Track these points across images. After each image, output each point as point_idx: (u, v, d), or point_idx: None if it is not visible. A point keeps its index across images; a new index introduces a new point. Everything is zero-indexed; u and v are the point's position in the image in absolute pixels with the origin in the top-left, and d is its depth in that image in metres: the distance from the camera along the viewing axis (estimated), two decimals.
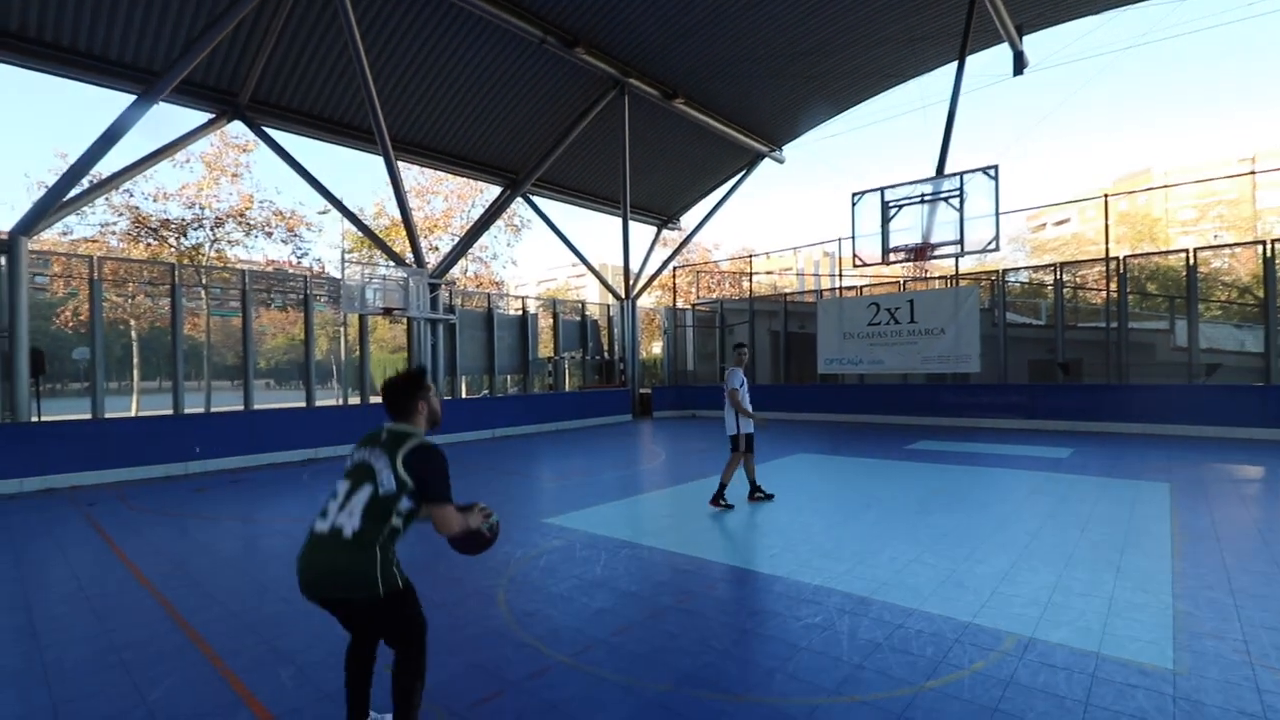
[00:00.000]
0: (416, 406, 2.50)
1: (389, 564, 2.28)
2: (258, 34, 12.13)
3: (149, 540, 5.99)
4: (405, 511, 2.33)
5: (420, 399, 2.51)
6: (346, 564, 2.22)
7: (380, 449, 2.36)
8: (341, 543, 2.23)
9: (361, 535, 2.23)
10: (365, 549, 2.23)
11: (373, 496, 2.27)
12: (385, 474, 2.30)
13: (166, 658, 3.40)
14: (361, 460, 2.37)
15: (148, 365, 24.03)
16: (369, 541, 2.23)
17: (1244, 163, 48.87)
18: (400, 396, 2.49)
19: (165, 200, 20.05)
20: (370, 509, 2.26)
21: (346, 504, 2.29)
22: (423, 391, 2.51)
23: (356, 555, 2.22)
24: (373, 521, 2.25)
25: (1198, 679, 2.89)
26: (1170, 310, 15.54)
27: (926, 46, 15.72)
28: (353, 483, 2.33)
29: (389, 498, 2.28)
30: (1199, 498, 6.64)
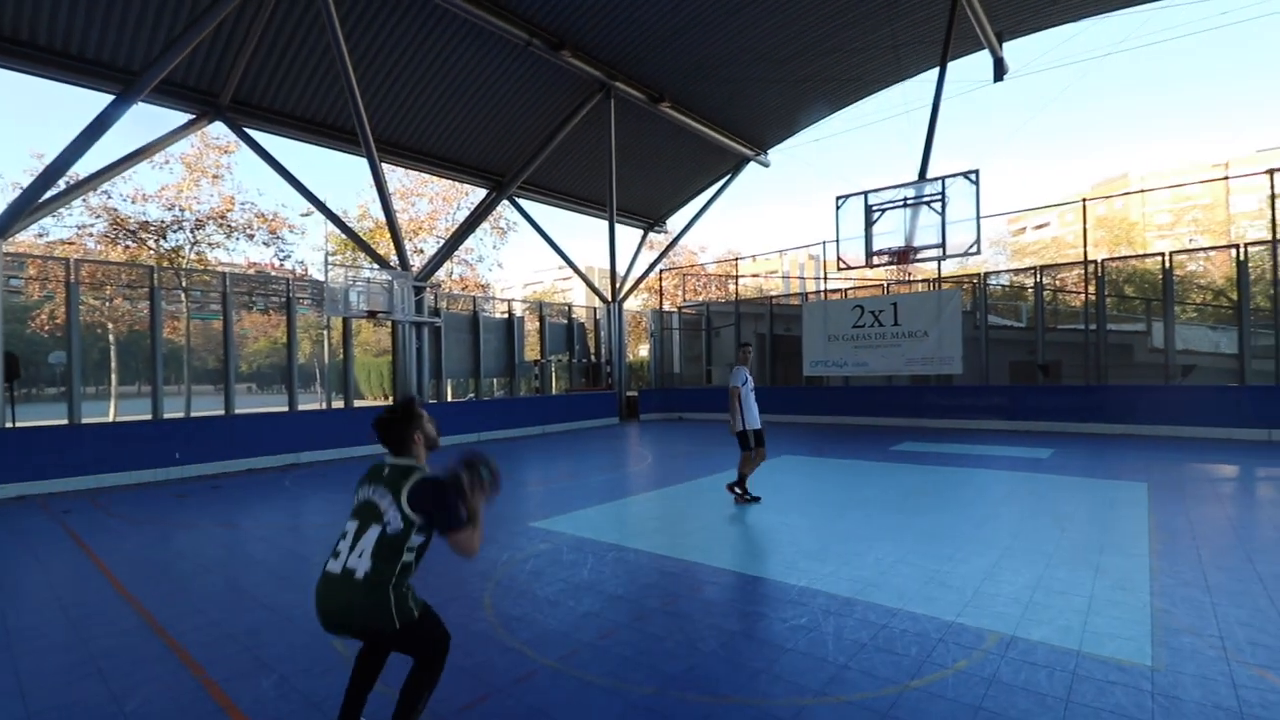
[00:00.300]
0: (412, 438, 2.48)
1: (404, 599, 2.31)
2: (239, 34, 12.00)
3: (127, 547, 5.89)
4: (416, 546, 2.35)
5: (414, 429, 2.48)
6: (361, 604, 2.25)
7: (384, 487, 2.36)
8: (355, 584, 2.25)
9: (373, 576, 2.25)
10: (378, 589, 2.25)
11: (381, 536, 2.28)
12: (391, 512, 2.31)
13: (145, 667, 3.35)
14: (366, 499, 2.38)
15: (126, 369, 23.64)
16: (382, 582, 2.26)
17: (1217, 168, 49.91)
18: (393, 431, 2.47)
19: (144, 202, 19.80)
20: (380, 549, 2.28)
21: (356, 545, 2.30)
22: (415, 422, 2.49)
23: (370, 596, 2.25)
24: (384, 562, 2.27)
25: (1175, 675, 2.94)
26: (1147, 312, 15.83)
27: (909, 53, 15.91)
28: (360, 522, 2.34)
29: (397, 536, 2.29)
30: (1176, 497, 6.76)
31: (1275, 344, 12.13)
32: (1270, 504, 6.59)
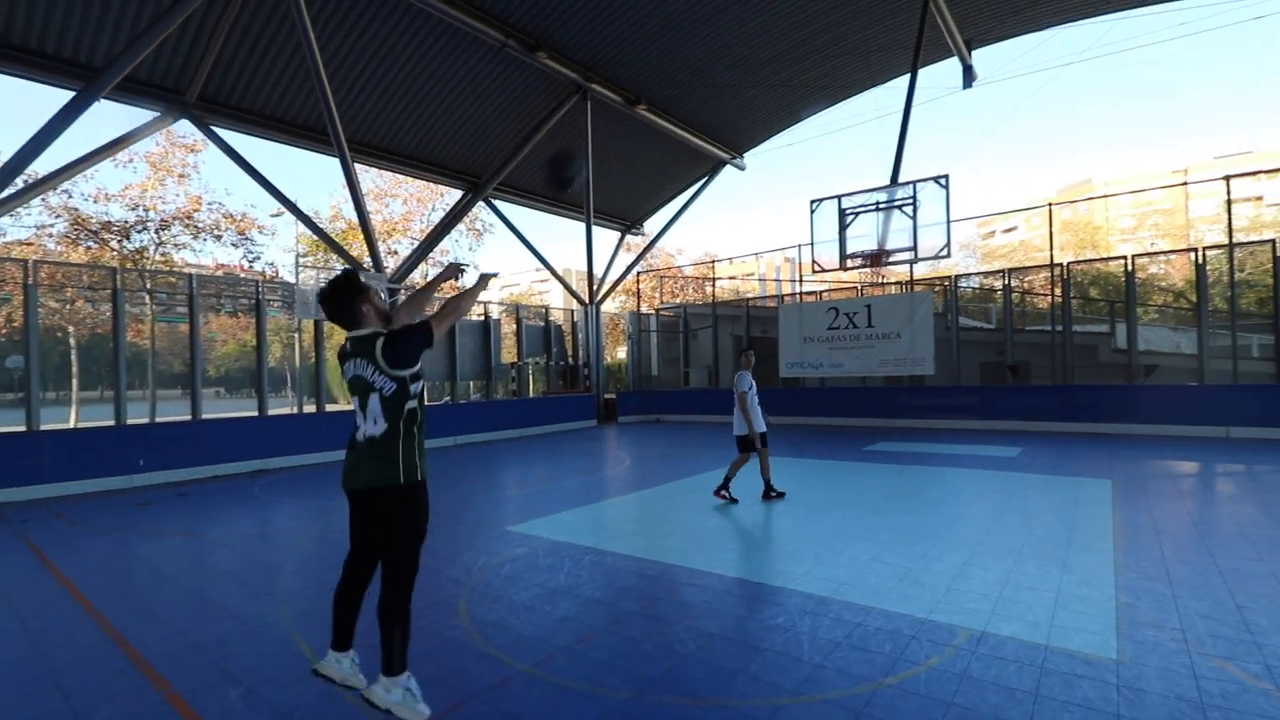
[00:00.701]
0: (361, 311, 2.57)
1: (411, 454, 2.57)
2: (206, 29, 11.73)
3: (88, 558, 5.70)
4: (416, 393, 2.60)
5: (361, 303, 2.57)
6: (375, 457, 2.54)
7: (361, 359, 2.54)
8: (373, 442, 2.56)
9: (388, 432, 2.54)
10: (392, 443, 2.54)
11: (382, 400, 2.53)
12: (378, 378, 2.52)
13: (107, 681, 3.24)
14: (355, 375, 2.57)
15: (88, 374, 22.95)
16: (395, 435, 2.54)
17: (1177, 174, 51.52)
18: (338, 307, 2.56)
19: (107, 201, 19.22)
20: (386, 410, 2.54)
21: (367, 413, 2.56)
22: (360, 295, 2.56)
23: (385, 449, 2.54)
24: (393, 419, 2.54)
25: (1139, 667, 3.01)
26: (1111, 314, 16.26)
27: (881, 59, 16.16)
28: (360, 396, 2.57)
29: (395, 394, 2.53)
30: (1138, 493, 6.95)
31: (1232, 345, 12.56)
32: (1229, 500, 6.81)
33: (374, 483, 2.55)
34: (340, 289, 2.56)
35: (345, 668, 2.74)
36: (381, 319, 2.65)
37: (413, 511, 2.59)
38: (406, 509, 2.58)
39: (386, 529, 2.60)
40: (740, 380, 7.15)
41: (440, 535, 6.13)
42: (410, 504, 2.58)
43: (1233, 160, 46.15)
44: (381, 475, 2.54)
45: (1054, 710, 2.67)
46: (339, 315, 2.57)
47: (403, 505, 2.57)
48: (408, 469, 2.55)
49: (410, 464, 2.57)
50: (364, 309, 2.57)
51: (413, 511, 2.59)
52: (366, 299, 2.58)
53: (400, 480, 2.53)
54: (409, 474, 2.56)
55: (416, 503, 2.60)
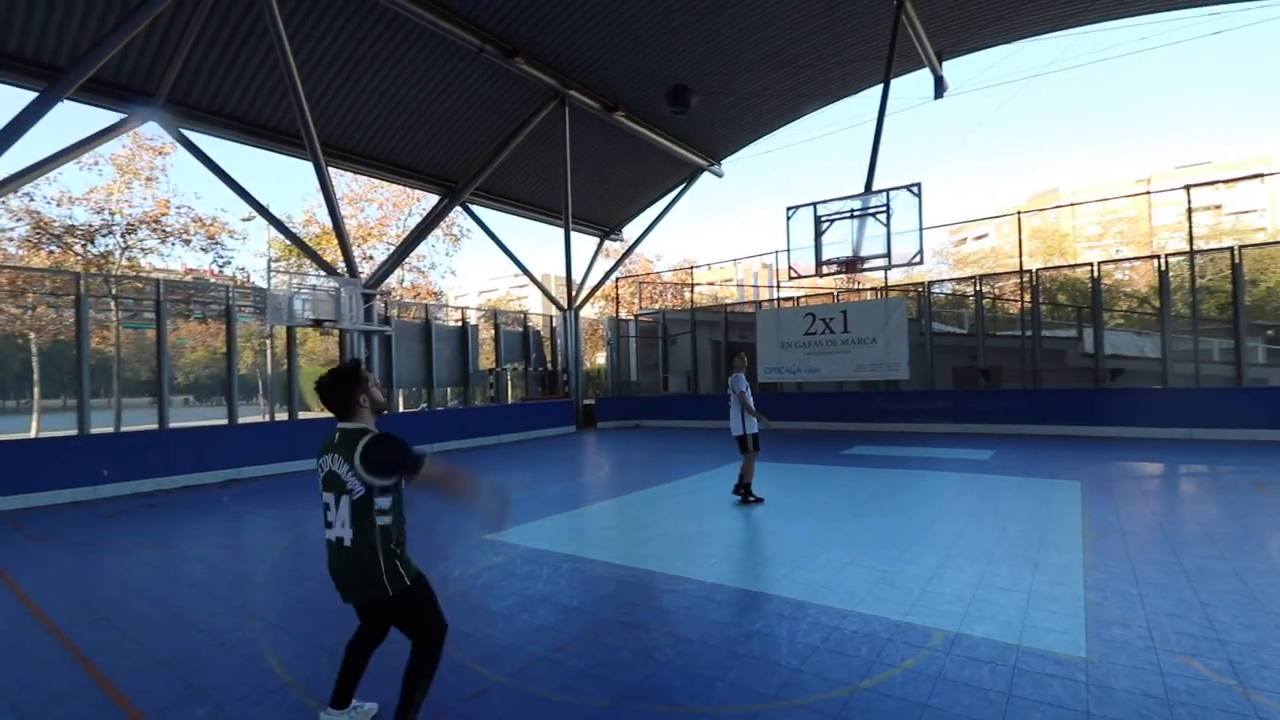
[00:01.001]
0: (357, 401, 2.50)
1: (393, 564, 2.44)
2: (176, 30, 11.49)
3: (49, 572, 5.52)
4: (387, 508, 2.44)
5: (361, 392, 2.50)
6: (355, 570, 2.42)
7: (338, 455, 2.42)
8: (345, 551, 2.42)
9: (358, 542, 2.39)
10: (365, 554, 2.40)
11: (351, 505, 2.39)
12: (350, 479, 2.38)
13: (64, 702, 3.13)
14: (329, 470, 2.45)
15: (50, 382, 22.25)
16: (367, 546, 2.39)
17: (1140, 183, 53.08)
18: (337, 395, 2.49)
19: (71, 205, 18.74)
20: (354, 516, 2.40)
21: (337, 514, 2.43)
22: (360, 385, 2.50)
23: (359, 560, 2.40)
24: (362, 527, 2.39)
25: (1107, 666, 3.08)
26: (1078, 319, 16.66)
27: (854, 69, 16.42)
28: (332, 493, 2.44)
29: (362, 501, 2.38)
30: (1106, 495, 7.11)
31: (1194, 349, 12.94)
32: (1192, 500, 7.00)
33: (364, 598, 2.48)
34: (342, 378, 2.49)
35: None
36: (375, 411, 2.56)
37: (417, 613, 2.53)
38: (408, 613, 2.52)
39: (404, 629, 2.56)
40: (738, 381, 7.41)
41: (416, 545, 6.03)
42: (411, 607, 2.51)
43: (1193, 170, 47.73)
44: (369, 589, 2.44)
45: (1026, 710, 2.71)
46: (334, 404, 2.49)
47: (404, 611, 2.50)
48: (393, 579, 2.44)
49: (394, 573, 2.45)
50: (361, 399, 2.50)
51: (417, 613, 2.53)
52: (365, 390, 2.50)
53: (389, 593, 2.43)
54: (395, 583, 2.44)
55: (416, 604, 2.52)
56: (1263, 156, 51.69)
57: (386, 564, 2.42)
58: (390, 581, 2.43)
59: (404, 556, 2.52)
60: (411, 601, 2.50)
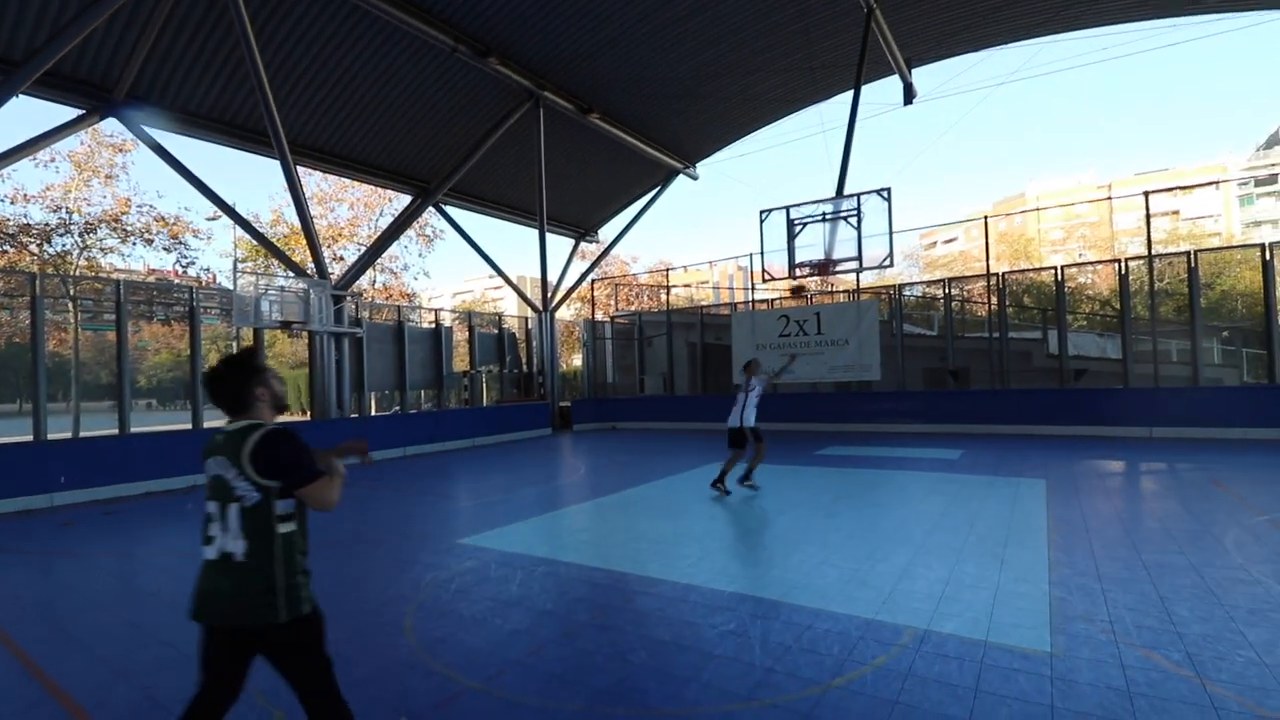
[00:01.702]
0: (252, 394, 2.12)
1: (295, 583, 2.05)
2: (137, 23, 11.18)
3: (1, 584, 5.31)
4: (289, 513, 2.07)
5: (258, 385, 2.13)
6: (243, 590, 1.99)
7: (224, 457, 2.05)
8: (234, 567, 2.00)
9: (253, 555, 2.00)
10: (261, 570, 2.00)
11: (242, 513, 2.01)
12: (239, 483, 2.01)
13: (19, 714, 3.01)
14: (214, 474, 2.07)
15: (4, 385, 21.44)
16: (264, 560, 2.00)
17: (1102, 189, 54.69)
18: (228, 388, 2.11)
19: (26, 203, 18.12)
20: (248, 527, 2.01)
21: (225, 525, 2.03)
22: (255, 376, 2.13)
23: (252, 579, 1.99)
24: (258, 540, 2.01)
25: (1071, 660, 3.14)
26: (1043, 321, 17.08)
27: (826, 75, 16.64)
28: (218, 502, 2.05)
29: (258, 508, 2.01)
30: (1071, 492, 7.29)
31: (1153, 350, 13.35)
32: (1153, 497, 7.21)
33: (244, 621, 1.99)
34: (233, 367, 2.12)
35: None
36: (275, 408, 2.20)
37: (310, 651, 2.10)
38: (301, 649, 2.07)
39: (291, 672, 2.09)
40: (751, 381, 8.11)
41: (387, 550, 5.95)
42: (305, 642, 2.08)
43: (1152, 177, 49.33)
44: (254, 612, 1.98)
45: (993, 704, 2.76)
46: (224, 398, 2.12)
47: (297, 645, 2.06)
48: (291, 602, 2.02)
49: (294, 596, 2.03)
50: (257, 392, 2.13)
51: (310, 651, 2.10)
52: (263, 383, 2.14)
53: (282, 618, 1.99)
54: (293, 607, 2.02)
55: (311, 639, 2.11)
56: (1218, 165, 53.65)
57: (287, 582, 2.03)
58: (288, 604, 2.01)
59: (306, 580, 2.12)
60: (307, 634, 2.08)
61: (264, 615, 1.98)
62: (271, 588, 1.99)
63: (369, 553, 5.92)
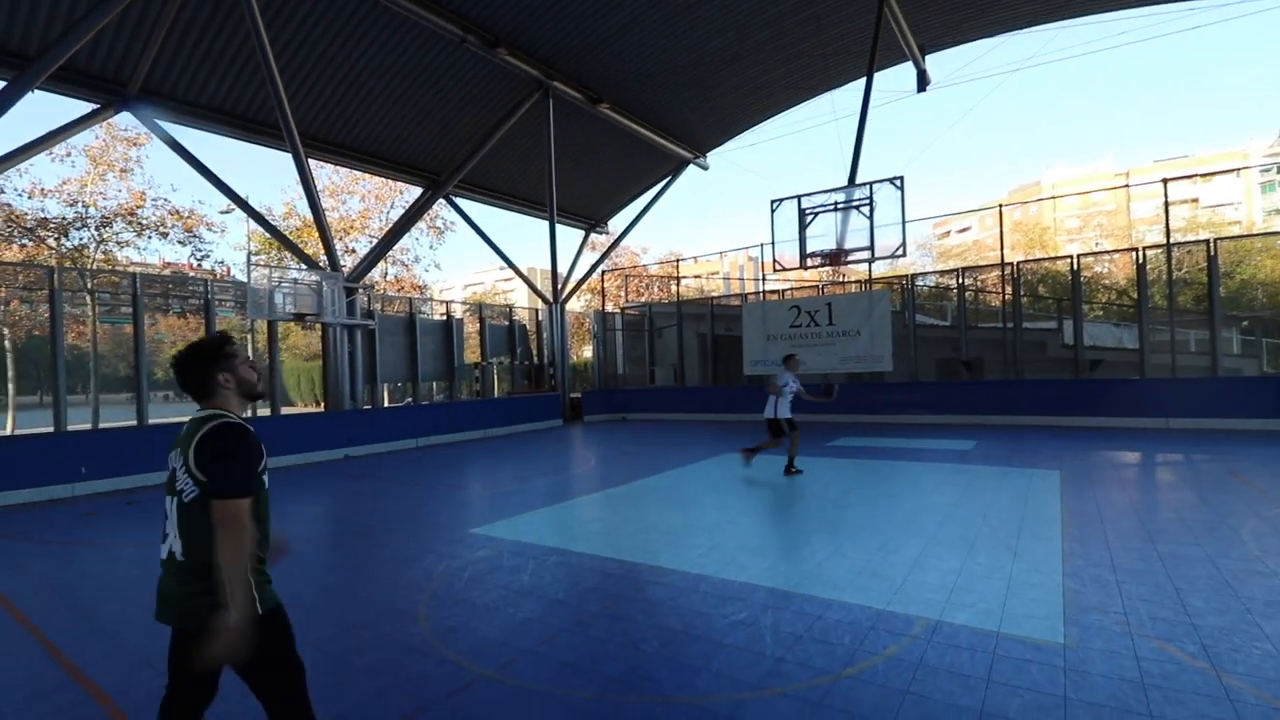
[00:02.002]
0: (218, 380, 2.00)
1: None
2: (150, 17, 11.24)
3: (26, 570, 5.42)
4: None
5: (220, 371, 2.00)
6: (181, 591, 1.88)
7: (179, 449, 1.94)
8: (176, 566, 1.89)
9: (191, 553, 1.87)
10: (198, 569, 1.86)
11: (181, 508, 1.89)
12: (182, 477, 1.89)
13: (44, 699, 3.08)
14: (171, 467, 1.97)
15: (25, 378, 21.83)
16: (203, 562, 1.85)
17: (1119, 177, 53.84)
18: (193, 373, 2.00)
19: (43, 197, 18.32)
20: (186, 522, 1.88)
21: (172, 521, 1.93)
22: (223, 362, 2.01)
23: (191, 577, 1.87)
24: (195, 537, 1.86)
25: (1084, 651, 3.13)
26: (1058, 311, 16.90)
27: (838, 62, 16.45)
28: (169, 495, 1.95)
29: (194, 504, 1.87)
30: (1085, 484, 7.23)
31: (1170, 340, 13.17)
32: (1168, 488, 7.13)
33: (188, 623, 1.87)
34: (196, 353, 2.01)
35: None
36: (244, 395, 2.07)
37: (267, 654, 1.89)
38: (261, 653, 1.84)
39: (249, 681, 1.94)
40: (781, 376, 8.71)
41: (400, 540, 6.02)
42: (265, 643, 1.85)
43: (1171, 164, 48.44)
44: (196, 614, 1.84)
45: (1005, 695, 2.76)
46: (190, 384, 2.02)
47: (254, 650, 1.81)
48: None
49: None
50: (221, 378, 2.00)
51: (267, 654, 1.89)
52: (228, 369, 2.01)
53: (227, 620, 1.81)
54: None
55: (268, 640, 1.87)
56: (1239, 151, 52.60)
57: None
58: None
59: (260, 576, 1.93)
60: (263, 636, 1.84)
61: (205, 616, 1.82)
62: (210, 589, 1.84)
63: (382, 542, 5.99)
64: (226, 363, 2.02)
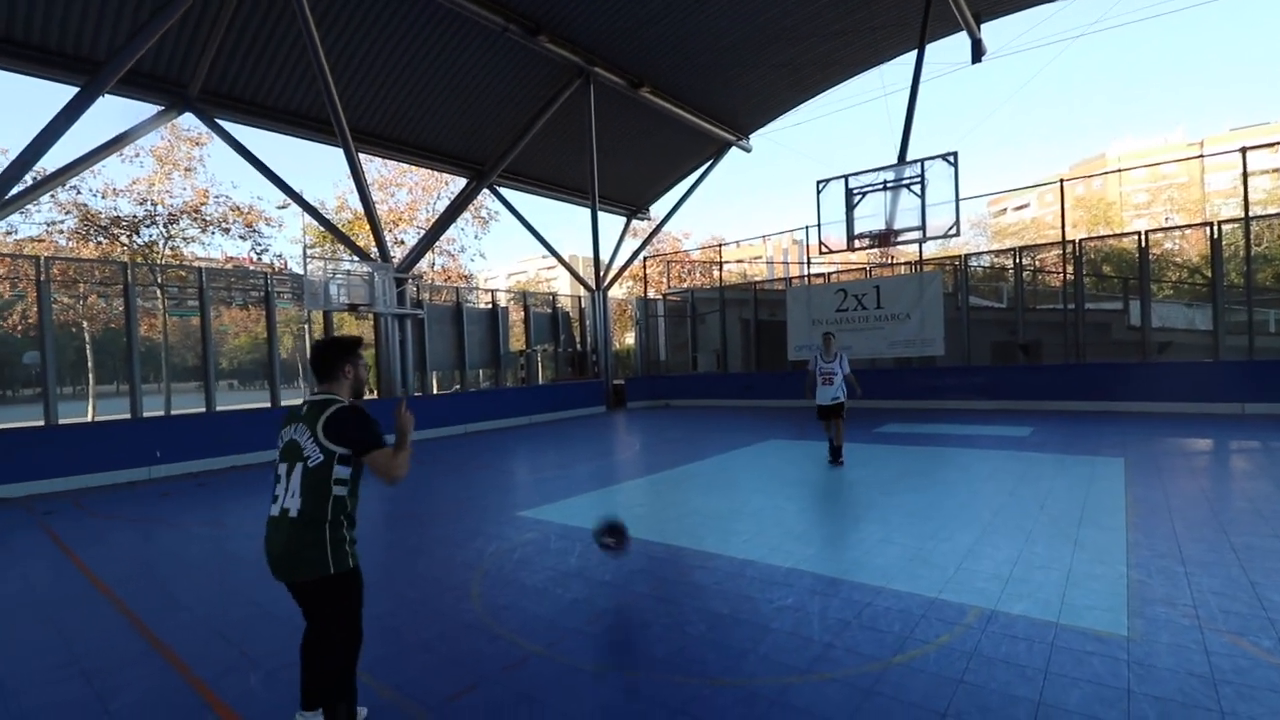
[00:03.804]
0: (343, 370, 2.49)
1: (340, 541, 2.33)
2: (207, 21, 11.69)
3: (109, 547, 5.82)
4: (345, 478, 2.36)
5: (347, 363, 2.49)
6: (298, 543, 2.28)
7: (301, 423, 2.38)
8: (291, 522, 2.29)
9: (306, 513, 2.29)
10: (313, 527, 2.29)
11: (304, 472, 2.31)
12: (309, 445, 2.32)
13: (129, 666, 3.32)
14: (289, 439, 2.39)
15: (103, 368, 23.22)
16: (316, 520, 2.29)
17: (1192, 147, 50.62)
18: (327, 358, 2.48)
19: (115, 196, 19.33)
20: (307, 485, 2.30)
21: (288, 485, 2.32)
22: (351, 357, 2.50)
23: (305, 533, 2.28)
24: (314, 497, 2.29)
25: (1150, 644, 3.01)
26: (1124, 291, 16.06)
27: (887, 35, 15.89)
28: (287, 463, 2.36)
29: (319, 468, 2.30)
30: (1152, 471, 6.90)
31: (1248, 320, 12.37)
32: (1243, 476, 6.75)
33: (300, 574, 2.31)
34: (336, 344, 2.52)
35: None
36: (353, 392, 2.52)
37: (345, 607, 2.37)
38: (337, 603, 2.35)
39: (317, 620, 2.39)
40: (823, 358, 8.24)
41: (452, 522, 6.20)
42: (343, 597, 2.36)
43: (1250, 132, 45.20)
44: (306, 567, 2.29)
45: (1064, 686, 2.68)
46: (320, 366, 2.48)
47: (333, 598, 2.34)
48: (337, 558, 2.30)
49: (340, 552, 2.31)
50: (345, 369, 2.49)
51: (345, 607, 2.37)
52: (353, 363, 2.50)
53: (328, 571, 2.29)
54: (339, 563, 2.31)
55: (349, 596, 2.38)
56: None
57: (333, 537, 2.30)
58: (334, 560, 2.29)
59: (352, 539, 2.40)
60: (346, 591, 2.35)
61: (313, 567, 2.28)
62: (320, 541, 2.28)
63: (436, 523, 6.18)
64: (354, 359, 2.51)
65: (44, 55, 10.83)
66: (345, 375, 2.48)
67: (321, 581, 2.30)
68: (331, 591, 2.33)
